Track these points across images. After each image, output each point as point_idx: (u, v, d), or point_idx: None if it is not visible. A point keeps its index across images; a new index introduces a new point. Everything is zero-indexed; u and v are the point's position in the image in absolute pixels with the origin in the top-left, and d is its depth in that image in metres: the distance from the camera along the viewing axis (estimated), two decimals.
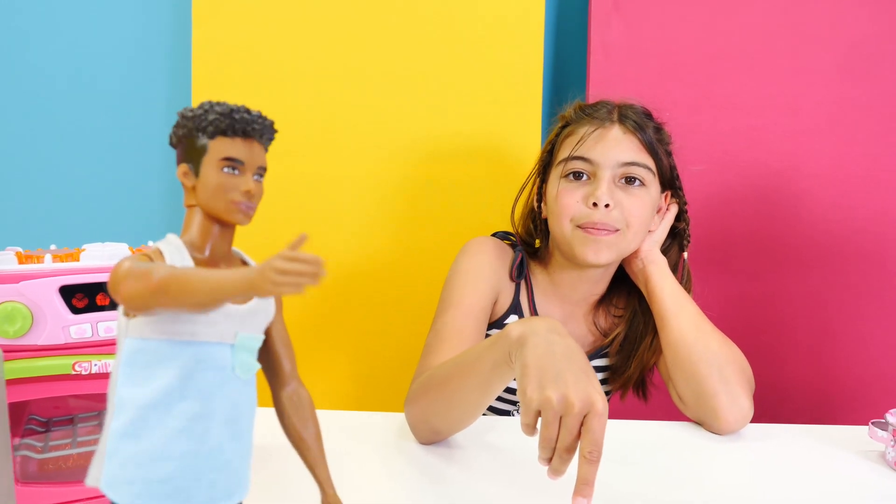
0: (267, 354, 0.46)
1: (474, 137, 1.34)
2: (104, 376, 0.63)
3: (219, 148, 0.42)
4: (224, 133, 0.42)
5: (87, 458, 0.68)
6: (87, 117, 1.42)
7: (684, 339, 0.93)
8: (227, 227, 0.44)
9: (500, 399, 1.05)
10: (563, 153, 0.99)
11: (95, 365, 0.62)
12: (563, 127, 1.03)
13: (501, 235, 1.09)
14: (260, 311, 0.42)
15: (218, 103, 0.43)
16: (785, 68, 1.30)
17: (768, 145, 1.31)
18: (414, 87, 1.34)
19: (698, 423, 0.93)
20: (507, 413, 1.06)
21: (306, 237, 0.36)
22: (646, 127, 0.97)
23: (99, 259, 0.65)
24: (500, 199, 1.23)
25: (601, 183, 0.94)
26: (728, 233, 1.33)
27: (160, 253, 0.42)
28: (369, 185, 1.36)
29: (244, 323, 0.41)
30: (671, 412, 1.00)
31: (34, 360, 0.60)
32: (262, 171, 0.43)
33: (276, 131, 0.44)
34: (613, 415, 1.14)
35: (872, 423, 0.80)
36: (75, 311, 0.62)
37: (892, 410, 0.79)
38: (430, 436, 0.83)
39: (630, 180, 0.95)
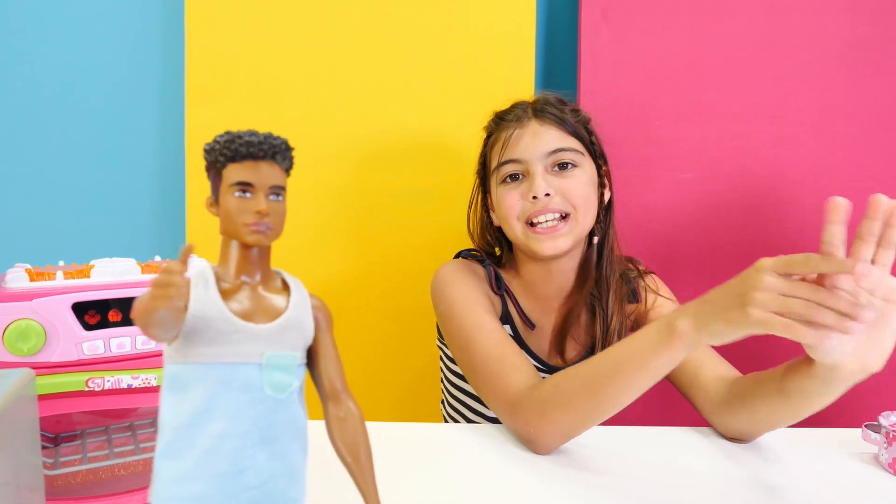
0: (313, 371, 0.46)
1: (467, 147, 1.35)
2: (117, 392, 0.63)
3: (229, 174, 0.42)
4: (232, 160, 0.42)
5: (97, 473, 0.69)
6: (76, 130, 1.41)
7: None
8: (255, 249, 0.43)
9: None
10: (494, 161, 1.04)
11: (108, 381, 0.63)
12: (488, 137, 1.08)
13: (465, 254, 1.11)
14: (291, 329, 0.42)
15: (226, 133, 0.43)
16: (768, 77, 1.33)
17: (753, 152, 1.34)
18: (407, 97, 1.35)
19: (706, 420, 0.93)
20: None
21: (192, 246, 0.37)
22: (562, 113, 1.01)
23: (110, 275, 0.65)
24: None
25: (535, 177, 0.98)
26: (715, 238, 1.35)
27: (188, 284, 0.42)
28: (358, 192, 1.37)
29: (271, 342, 0.41)
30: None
31: (48, 378, 0.60)
32: (277, 189, 0.43)
33: (290, 149, 0.44)
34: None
35: (865, 426, 0.82)
36: (88, 327, 0.62)
37: (884, 413, 0.81)
38: (563, 441, 0.83)
39: (563, 166, 0.99)
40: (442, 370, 1.16)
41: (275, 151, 0.43)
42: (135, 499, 0.66)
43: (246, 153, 0.42)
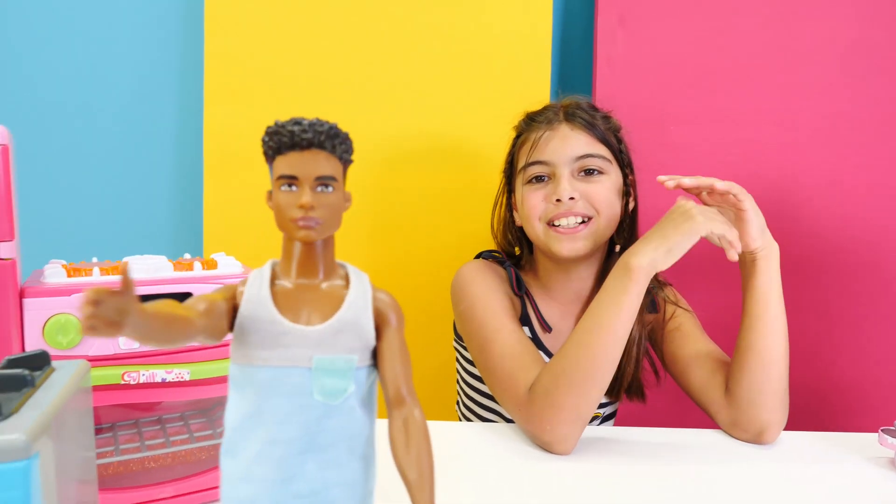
0: (380, 373, 0.42)
1: (484, 149, 1.37)
2: (152, 386, 0.65)
3: (277, 168, 0.40)
4: (279, 151, 0.39)
5: (128, 465, 0.70)
6: (93, 129, 1.43)
7: (772, 355, 0.91)
8: (317, 244, 0.41)
9: None
10: (522, 161, 1.04)
11: (143, 375, 0.64)
12: (517, 137, 1.09)
13: (486, 255, 1.12)
14: (345, 331, 0.39)
15: (276, 123, 0.40)
16: (780, 83, 1.34)
17: (766, 157, 1.35)
18: (424, 99, 1.37)
19: (724, 428, 0.94)
20: None
21: (128, 265, 0.34)
22: (593, 119, 1.02)
23: (144, 272, 0.67)
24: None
25: (561, 180, 0.99)
26: None
27: (245, 282, 0.41)
28: (375, 191, 1.38)
29: (322, 346, 0.39)
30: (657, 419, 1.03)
31: None
32: (325, 180, 0.39)
33: (340, 134, 0.41)
34: (623, 421, 1.17)
35: (882, 431, 0.83)
36: None
37: None
38: (579, 427, 0.85)
39: (588, 171, 1.00)
40: (458, 371, 1.17)
41: (322, 139, 0.39)
42: (165, 490, 0.68)
43: (290, 143, 0.39)
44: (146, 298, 0.65)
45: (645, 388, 1.07)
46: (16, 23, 1.39)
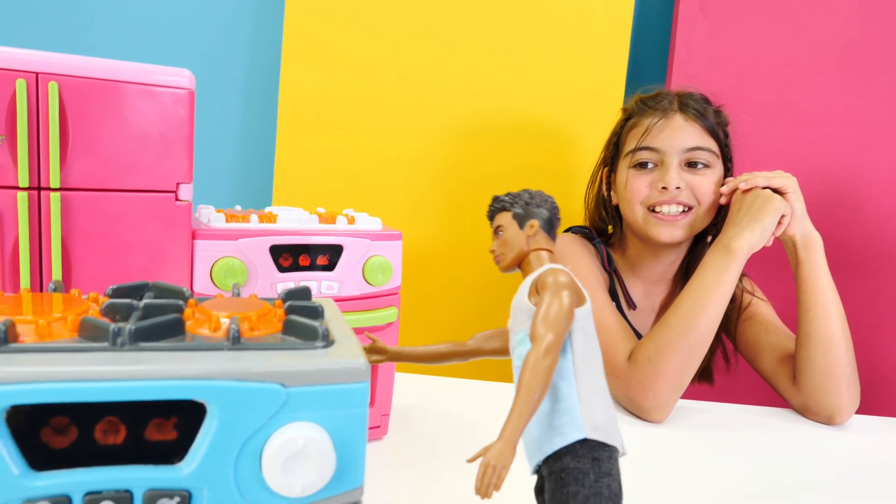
0: None
1: (558, 126, 1.39)
2: None
3: None
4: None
5: None
6: None
7: (830, 340, 0.94)
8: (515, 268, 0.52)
9: None
10: (630, 144, 1.06)
11: None
12: (627, 119, 1.10)
13: (577, 230, 1.14)
14: (516, 310, 0.49)
15: None
16: (854, 82, 1.36)
17: (834, 154, 1.38)
18: (503, 75, 1.39)
19: (798, 412, 0.98)
20: None
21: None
22: (706, 112, 1.04)
23: (296, 222, 0.69)
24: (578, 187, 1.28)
25: (669, 169, 1.01)
26: None
27: None
28: (443, 164, 1.40)
29: (514, 323, 0.49)
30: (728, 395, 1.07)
31: None
32: (497, 230, 0.52)
33: (500, 198, 0.53)
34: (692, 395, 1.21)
35: None
36: (281, 269, 0.67)
37: None
38: (676, 396, 0.90)
39: (694, 164, 1.03)
40: None
41: (498, 208, 0.53)
42: None
43: (490, 216, 0.53)
44: (300, 248, 0.68)
45: (714, 372, 1.12)
46: None
